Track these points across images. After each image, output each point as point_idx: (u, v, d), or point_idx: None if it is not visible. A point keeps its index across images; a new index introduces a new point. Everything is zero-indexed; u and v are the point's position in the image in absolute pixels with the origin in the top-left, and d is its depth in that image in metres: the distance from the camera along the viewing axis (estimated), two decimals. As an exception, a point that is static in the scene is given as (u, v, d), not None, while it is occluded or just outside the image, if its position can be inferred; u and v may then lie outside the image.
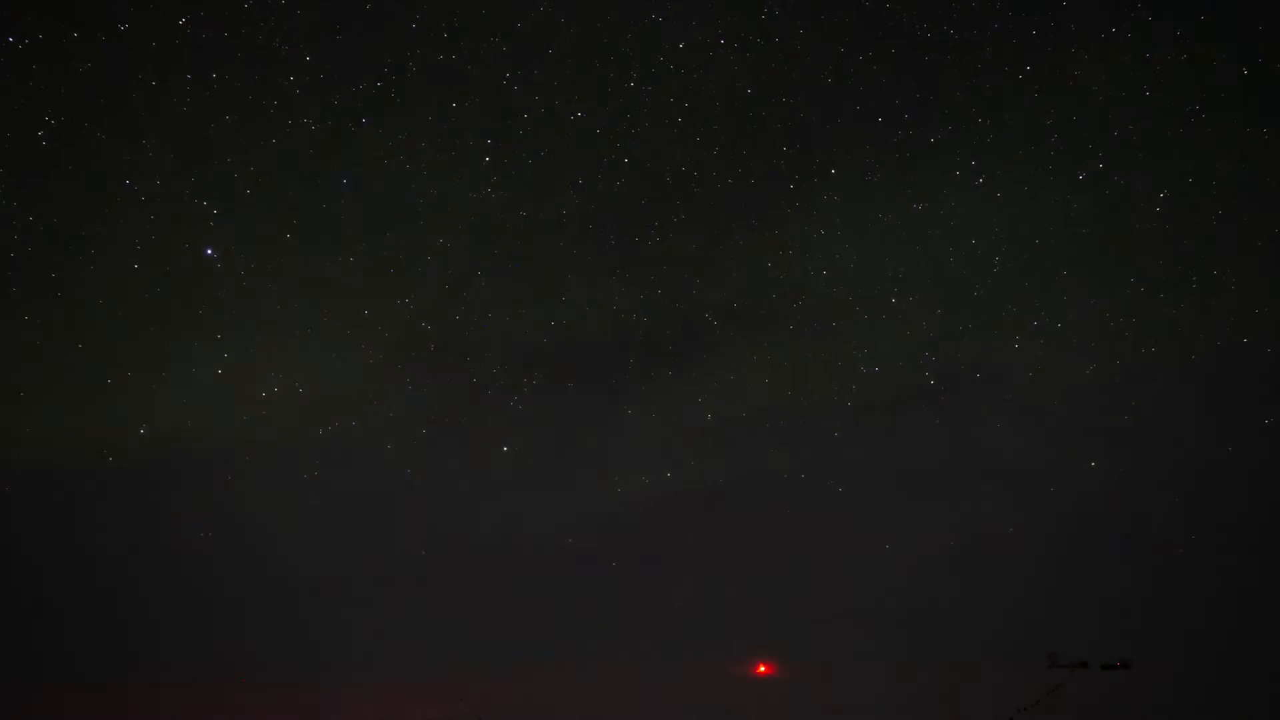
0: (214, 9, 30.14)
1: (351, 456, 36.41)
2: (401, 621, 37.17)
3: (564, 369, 36.98)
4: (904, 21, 32.81)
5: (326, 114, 32.21)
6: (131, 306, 33.05)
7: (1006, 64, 33.00)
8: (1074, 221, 34.98)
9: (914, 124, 34.02)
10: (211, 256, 32.85)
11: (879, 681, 34.54)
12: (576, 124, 33.78)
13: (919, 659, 35.57)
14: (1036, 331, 35.95)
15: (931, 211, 35.26)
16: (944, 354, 36.64)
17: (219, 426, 35.17)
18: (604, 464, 38.21)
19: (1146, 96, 32.82)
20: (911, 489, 38.02)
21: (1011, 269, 35.84)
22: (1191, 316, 34.94)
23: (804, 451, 38.06)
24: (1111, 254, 35.43)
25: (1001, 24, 32.62)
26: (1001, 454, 37.27)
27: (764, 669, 36.21)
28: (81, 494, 35.00)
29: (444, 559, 37.84)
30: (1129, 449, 36.34)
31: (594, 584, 37.60)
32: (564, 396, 37.26)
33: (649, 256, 36.00)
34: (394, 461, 36.69)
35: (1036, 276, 36.02)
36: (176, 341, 34.04)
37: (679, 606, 37.53)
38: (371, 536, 37.52)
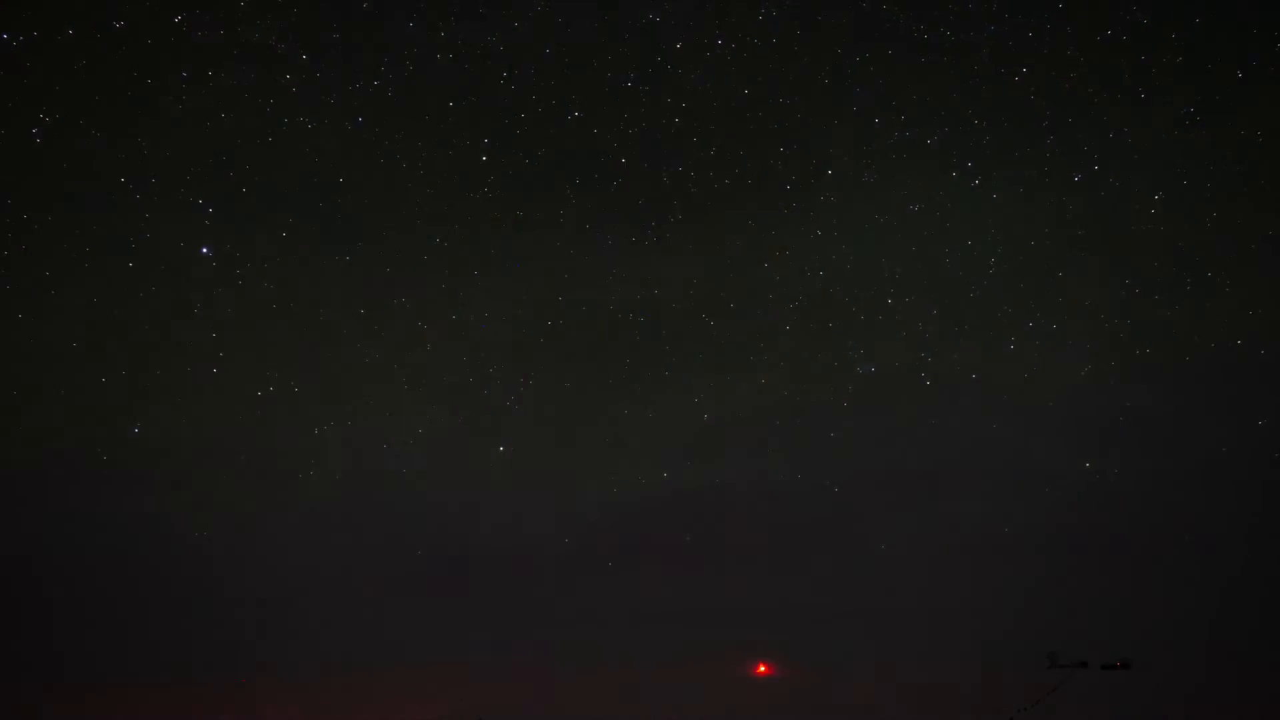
0: (210, 7, 30.08)
1: (347, 456, 36.46)
2: (401, 621, 37.00)
3: (561, 369, 37.01)
4: (901, 23, 32.94)
5: (323, 113, 32.22)
6: (126, 305, 33.01)
7: (1003, 66, 33.16)
8: (1070, 223, 35.19)
9: (911, 125, 34.16)
10: (207, 255, 32.89)
11: (879, 682, 34.60)
12: (574, 124, 33.85)
13: (919, 659, 35.57)
14: (1032, 333, 36.14)
15: (928, 213, 35.42)
16: (940, 355, 36.78)
17: (214, 426, 35.21)
18: (602, 464, 38.24)
19: (1142, 99, 33.01)
20: (909, 489, 38.08)
21: (1007, 270, 36.02)
22: (1187, 318, 35.20)
23: (801, 452, 38.12)
24: (1107, 255, 35.66)
25: (998, 26, 32.79)
26: (998, 454, 37.38)
27: (764, 669, 36.18)
28: (75, 494, 34.92)
29: (443, 559, 37.78)
30: (1125, 449, 36.49)
31: (592, 584, 37.58)
32: (561, 396, 37.26)
33: (646, 257, 36.04)
34: (391, 461, 36.73)
35: (1032, 278, 36.21)
36: (171, 340, 34.08)
37: (678, 606, 37.44)
38: (369, 536, 37.48)
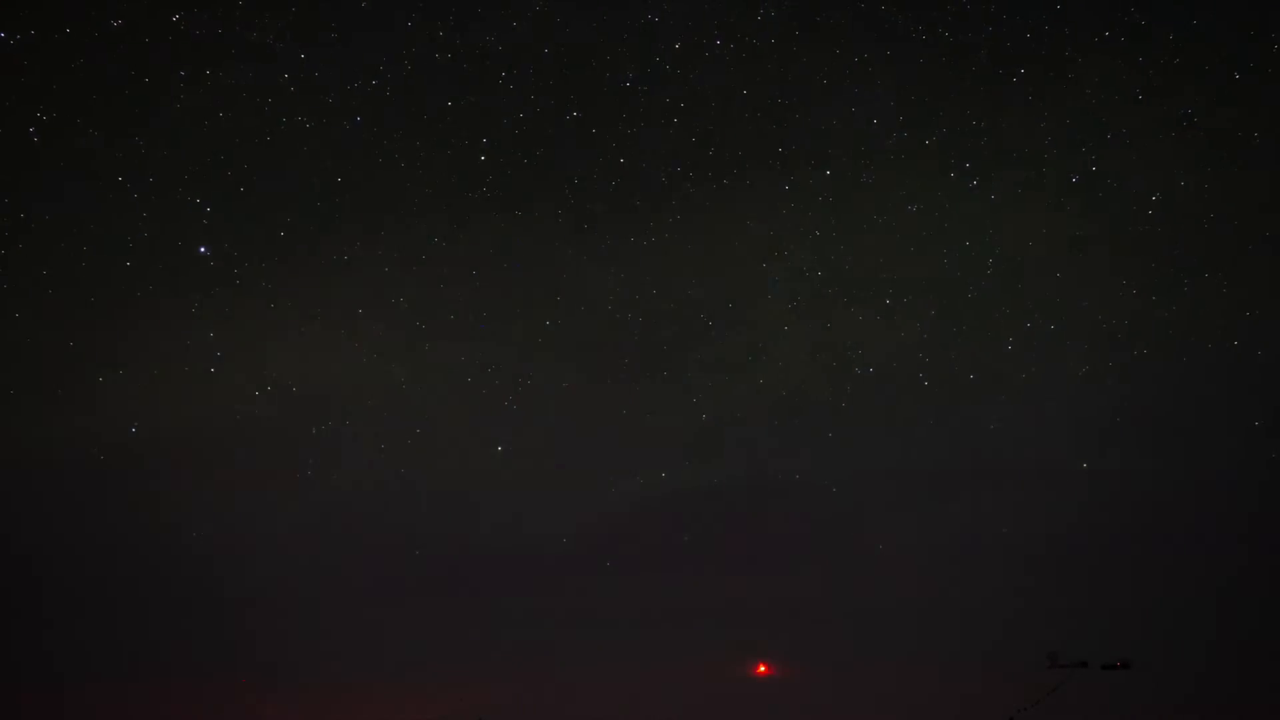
0: (208, 6, 30.09)
1: (345, 456, 36.39)
2: (401, 622, 36.99)
3: (559, 368, 36.94)
4: (899, 24, 33.01)
5: (321, 112, 32.22)
6: (123, 304, 32.97)
7: (1001, 67, 33.23)
8: (1068, 224, 35.20)
9: (909, 126, 34.21)
10: (205, 254, 32.84)
11: (879, 681, 34.56)
12: (572, 124, 33.88)
13: (918, 659, 35.58)
14: (1030, 333, 36.17)
15: (926, 213, 35.45)
16: (938, 355, 36.82)
17: (211, 425, 35.15)
18: (599, 464, 38.23)
19: (1140, 100, 33.09)
20: (907, 490, 38.11)
21: (1006, 271, 36.08)
22: (1184, 318, 35.26)
23: (798, 452, 38.14)
24: (1105, 256, 35.72)
25: (996, 27, 32.87)
26: (996, 455, 37.37)
27: (764, 669, 36.17)
28: (72, 493, 34.88)
29: (441, 559, 37.74)
30: (1123, 449, 36.57)
31: (591, 584, 37.56)
32: (559, 396, 37.21)
33: (644, 257, 36.03)
34: (388, 461, 36.68)
35: (1031, 278, 36.29)
36: (169, 339, 33.95)
37: (677, 606, 37.42)
38: (367, 536, 37.43)
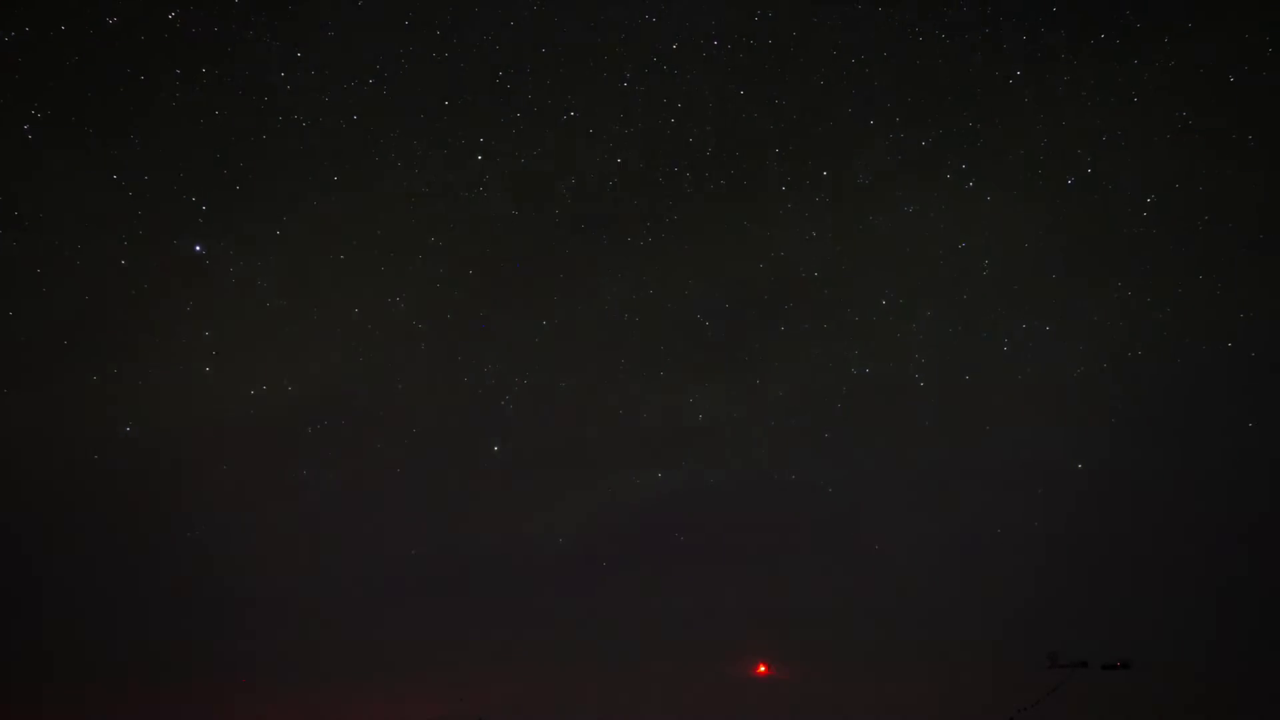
0: (204, 4, 30.01)
1: (342, 456, 36.33)
2: (401, 622, 36.89)
3: (556, 368, 36.94)
4: (896, 25, 33.17)
5: (317, 110, 32.15)
6: (117, 303, 32.82)
7: (997, 69, 33.38)
8: (1063, 225, 35.36)
9: (905, 127, 34.32)
10: (200, 253, 32.70)
11: (879, 682, 34.63)
12: (569, 123, 33.87)
13: (919, 659, 35.66)
14: (1025, 334, 36.32)
15: (922, 214, 35.57)
16: (934, 356, 36.95)
17: (206, 424, 35.02)
18: (596, 464, 38.22)
19: (1134, 102, 33.24)
20: (903, 490, 38.18)
21: (1001, 272, 36.22)
22: (1179, 320, 35.46)
23: (796, 452, 38.22)
24: (1100, 258, 35.89)
25: (993, 29, 33.04)
26: (992, 455, 37.47)
27: (763, 669, 36.19)
28: (65, 492, 34.68)
29: (438, 559, 37.65)
30: (1118, 450, 36.65)
31: (589, 584, 37.57)
32: (556, 396, 37.19)
33: (640, 257, 36.07)
34: (385, 461, 36.65)
35: (1025, 280, 36.45)
36: (163, 338, 33.91)
37: (676, 607, 37.47)
38: (364, 536, 37.34)
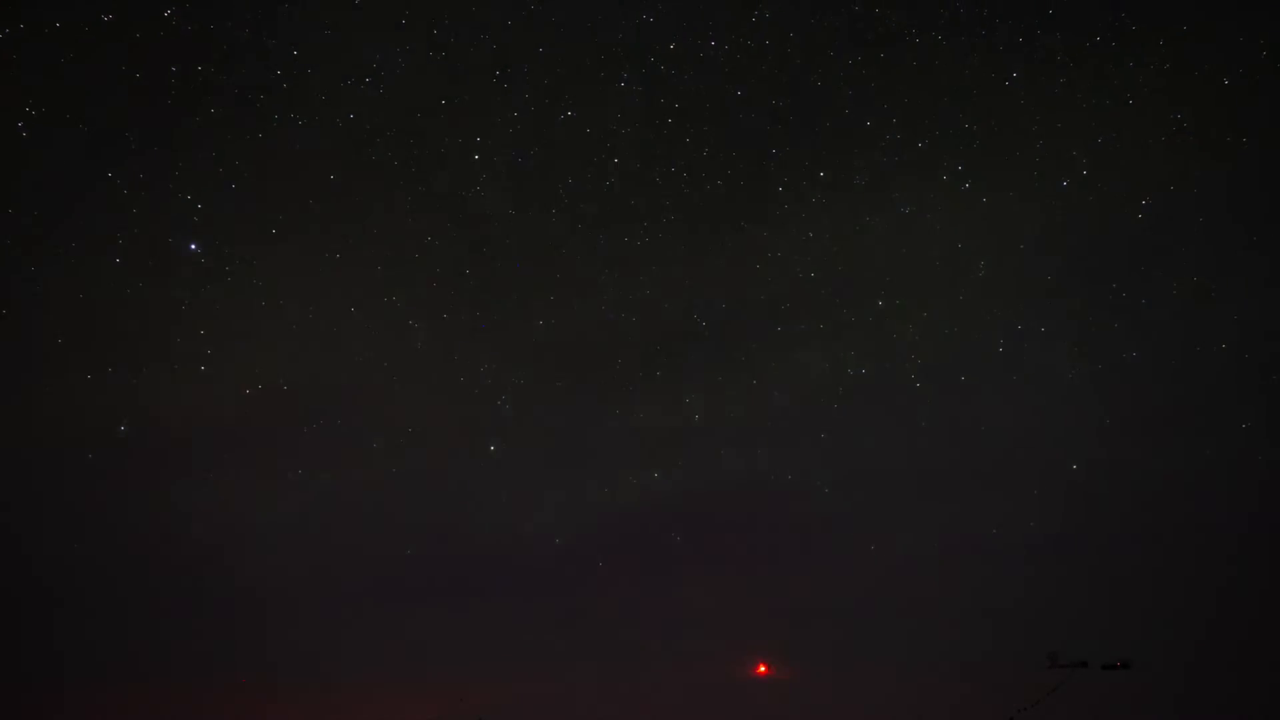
0: (200, 1, 29.84)
1: (338, 455, 36.21)
2: (400, 621, 36.80)
3: (552, 368, 36.98)
4: (893, 27, 33.20)
5: (313, 109, 32.04)
6: (112, 301, 32.60)
7: (993, 70, 33.43)
8: (1058, 227, 35.50)
9: (901, 128, 34.38)
10: (195, 251, 32.54)
11: (879, 682, 34.59)
12: (566, 123, 33.82)
13: (918, 659, 35.71)
14: (1021, 335, 36.46)
15: (918, 215, 35.70)
16: (929, 356, 37.08)
17: (202, 423, 34.83)
18: (593, 464, 38.25)
19: (1130, 105, 33.36)
20: (899, 490, 38.31)
21: (996, 273, 36.34)
22: (1173, 321, 35.67)
23: (792, 452, 38.30)
24: (1096, 259, 36.02)
25: (989, 31, 33.10)
26: (988, 456, 37.65)
27: (763, 669, 36.19)
28: (60, 491, 34.46)
29: (435, 559, 37.60)
30: (1113, 451, 36.86)
31: (587, 585, 37.56)
32: (553, 397, 37.23)
33: (638, 257, 36.10)
34: (381, 460, 36.57)
35: (1021, 281, 36.57)
36: (158, 337, 33.70)
37: (674, 607, 37.50)
38: (359, 536, 37.24)
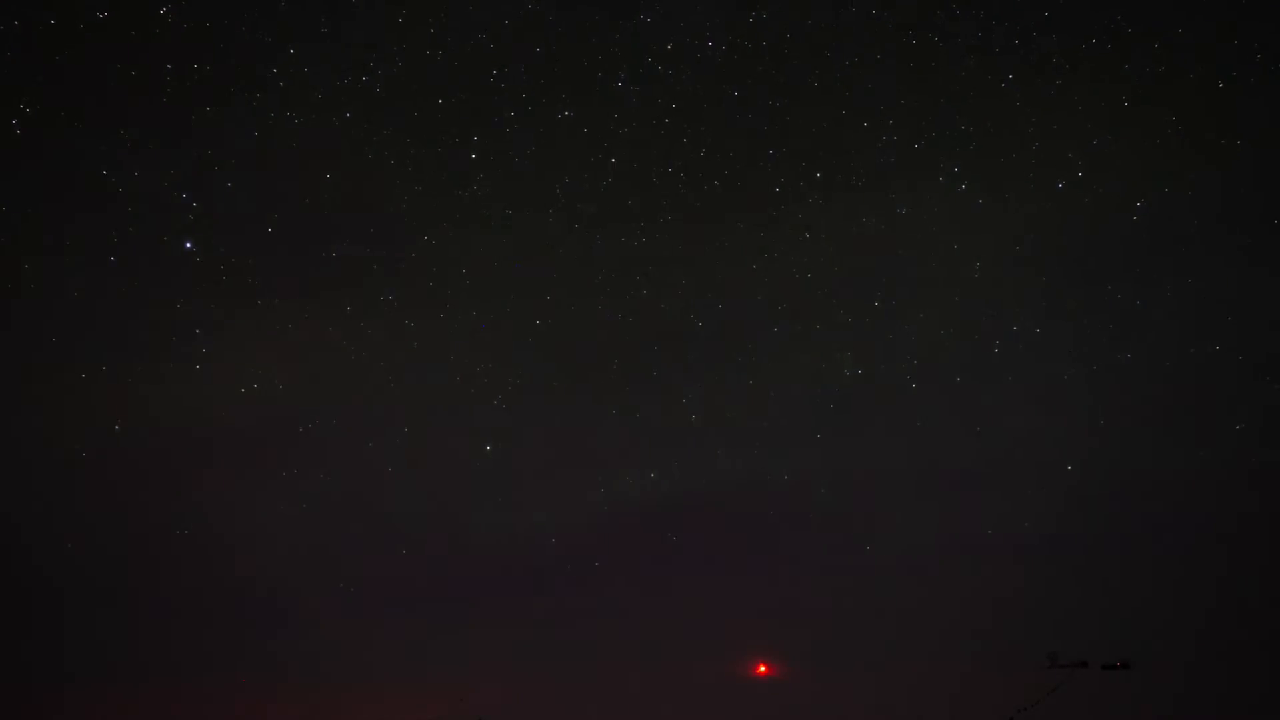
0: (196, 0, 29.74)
1: (333, 455, 36.14)
2: (399, 622, 36.71)
3: (549, 369, 36.97)
4: (890, 29, 33.30)
5: (310, 108, 31.96)
6: (108, 300, 32.57)
7: (989, 73, 33.54)
8: (1054, 228, 35.62)
9: (898, 129, 34.51)
10: (191, 250, 32.40)
11: (879, 682, 34.60)
12: (564, 123, 33.79)
13: (919, 659, 35.75)
14: (1016, 336, 36.58)
15: (914, 216, 35.78)
16: (926, 357, 37.19)
17: (197, 423, 34.72)
18: (590, 465, 38.30)
19: (1125, 106, 33.50)
20: (896, 490, 38.40)
21: (992, 274, 36.43)
22: (1167, 322, 35.83)
23: (789, 453, 38.39)
24: (1091, 260, 36.18)
25: (985, 34, 33.22)
26: (985, 456, 37.82)
27: (763, 669, 36.18)
28: (55, 491, 34.33)
29: (431, 559, 37.54)
30: (1107, 451, 37.03)
31: (585, 585, 37.50)
32: (549, 396, 37.19)
33: (635, 257, 36.14)
34: (377, 459, 36.50)
35: (1017, 281, 36.68)
36: (153, 335, 33.59)
37: (673, 607, 37.54)
38: (358, 536, 37.22)
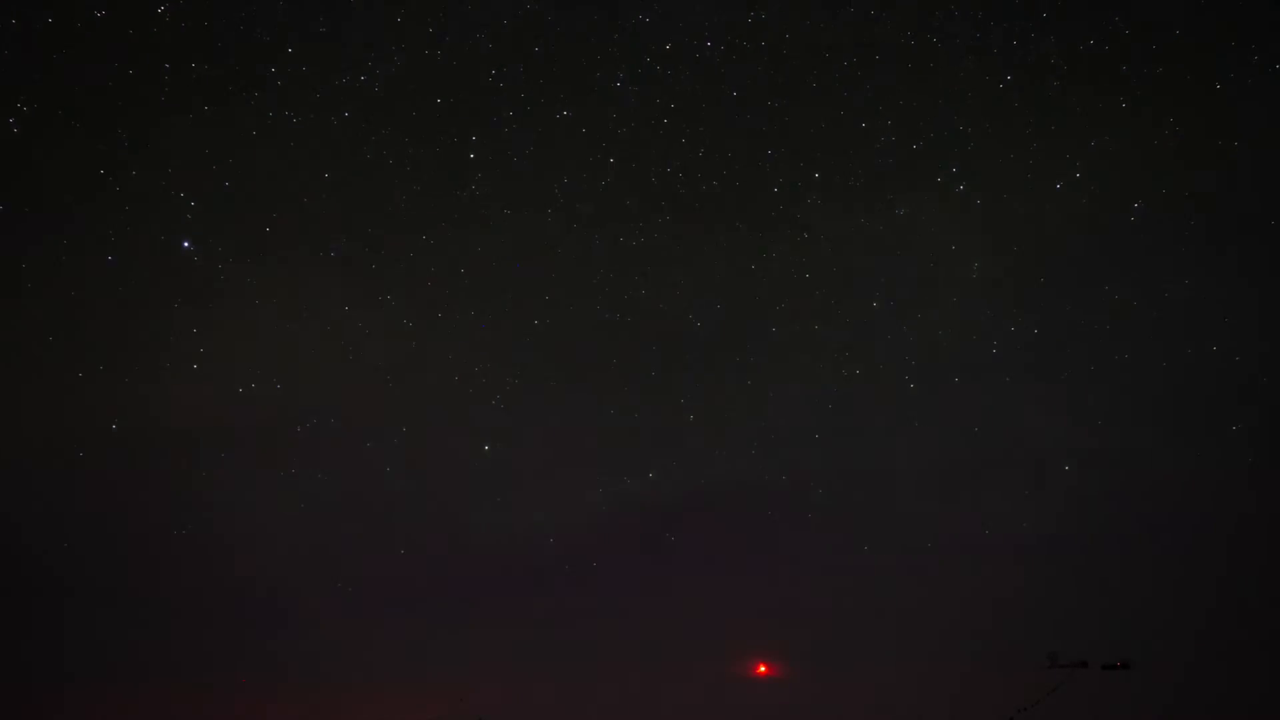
0: (194, -2, 29.71)
1: (330, 456, 36.07)
2: (399, 622, 36.67)
3: (547, 369, 36.93)
4: (888, 29, 33.31)
5: (308, 107, 31.94)
6: (105, 299, 32.46)
7: (987, 73, 33.59)
8: (1052, 229, 35.65)
9: (896, 130, 34.53)
10: (189, 249, 32.38)
11: (879, 682, 34.63)
12: (562, 123, 33.79)
13: (918, 659, 35.78)
14: (1014, 337, 36.61)
15: (912, 217, 35.84)
16: (924, 357, 37.20)
17: (195, 422, 34.62)
18: (588, 465, 38.21)
19: (1123, 108, 33.55)
20: (894, 491, 38.41)
21: (991, 274, 36.47)
22: (1164, 323, 35.89)
23: (787, 453, 38.36)
24: (1088, 261, 36.22)
25: (983, 34, 33.29)
26: (981, 457, 37.82)
27: (763, 669, 36.21)
28: (50, 490, 34.25)
29: (429, 559, 37.51)
30: (1105, 452, 37.05)
31: (583, 585, 37.51)
32: (547, 396, 37.15)
33: (633, 257, 36.12)
34: (376, 460, 36.43)
35: (1014, 283, 36.71)
36: (151, 335, 33.52)
37: (671, 607, 37.53)
38: (355, 536, 37.17)
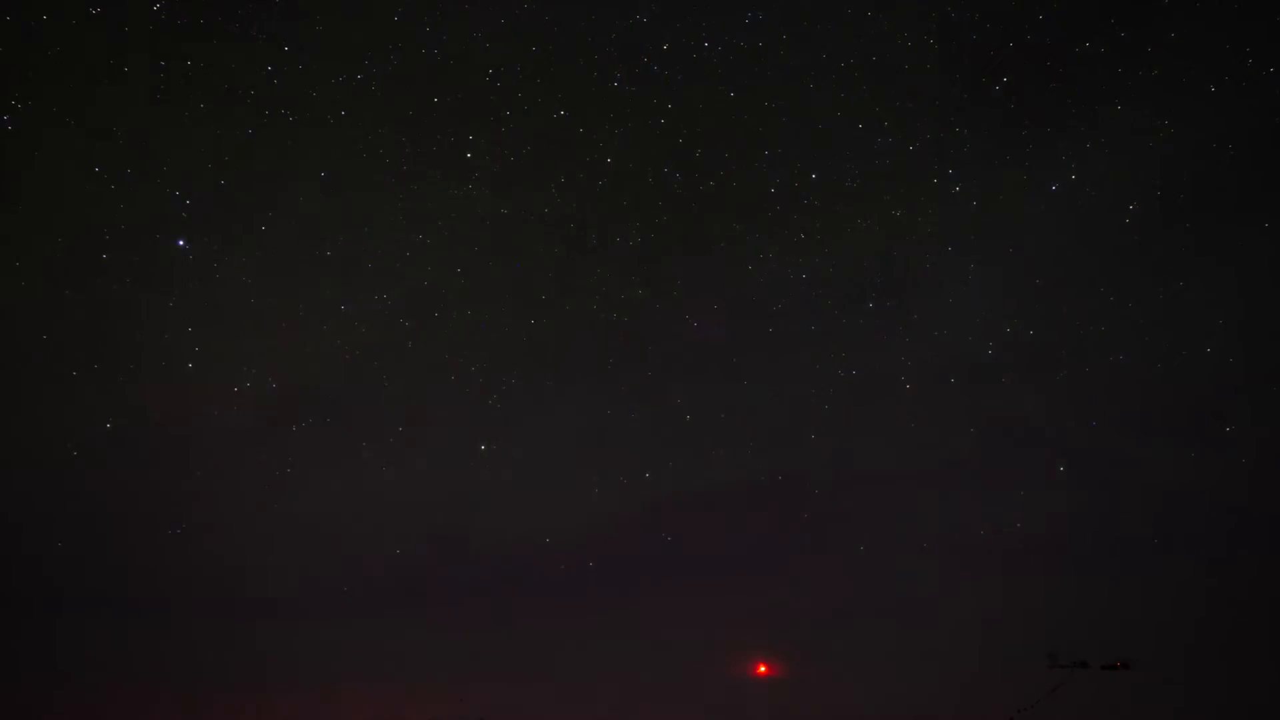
0: (190, -4, 29.62)
1: (327, 455, 35.97)
2: (397, 622, 36.52)
3: (545, 368, 36.89)
4: (884, 30, 33.43)
5: (304, 105, 31.85)
6: (99, 298, 32.35)
7: (984, 74, 33.65)
8: (1048, 231, 35.82)
9: (893, 131, 34.61)
10: (184, 248, 32.23)
11: (879, 682, 34.52)
12: (559, 123, 33.80)
13: (918, 659, 35.72)
14: (1011, 337, 36.69)
15: (910, 217, 35.93)
16: (921, 358, 37.29)
17: (189, 422, 34.53)
18: (585, 464, 38.16)
19: (1119, 110, 33.68)
20: (892, 492, 38.48)
21: (987, 276, 36.60)
22: (1160, 324, 35.98)
23: (783, 453, 38.37)
24: (1085, 263, 36.37)
25: (980, 35, 33.32)
26: (979, 457, 37.88)
27: (763, 669, 36.12)
28: (47, 490, 34.04)
29: (430, 559, 37.45)
30: (1101, 453, 37.19)
31: (582, 585, 37.42)
32: (545, 396, 37.09)
33: (630, 256, 36.12)
34: (371, 460, 36.35)
35: (1011, 284, 36.83)
36: (145, 334, 33.38)
37: (669, 607, 37.46)
38: (353, 535, 37.09)
